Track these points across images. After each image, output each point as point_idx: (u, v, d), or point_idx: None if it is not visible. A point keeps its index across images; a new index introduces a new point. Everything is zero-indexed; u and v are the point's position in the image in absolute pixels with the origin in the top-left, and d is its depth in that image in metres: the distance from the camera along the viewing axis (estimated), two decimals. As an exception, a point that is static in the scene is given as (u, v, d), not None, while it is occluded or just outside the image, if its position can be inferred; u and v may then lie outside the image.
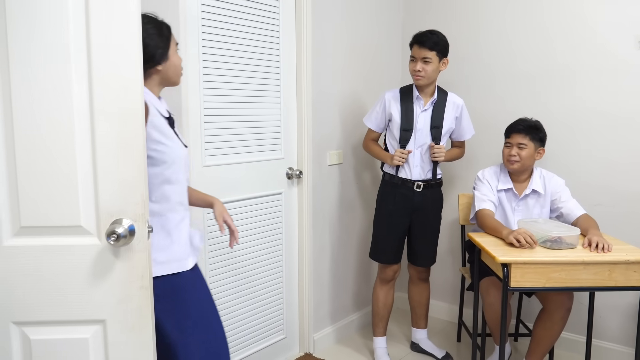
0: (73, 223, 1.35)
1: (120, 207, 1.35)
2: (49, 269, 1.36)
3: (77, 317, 1.38)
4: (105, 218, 1.35)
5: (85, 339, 1.40)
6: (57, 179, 1.33)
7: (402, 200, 2.68)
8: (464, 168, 3.20)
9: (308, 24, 2.67)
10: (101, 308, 1.39)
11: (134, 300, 1.40)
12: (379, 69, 3.26)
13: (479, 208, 2.53)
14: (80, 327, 1.39)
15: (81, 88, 1.32)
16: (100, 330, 1.40)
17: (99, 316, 1.39)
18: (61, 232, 1.35)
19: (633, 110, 2.67)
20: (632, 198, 2.70)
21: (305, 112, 2.72)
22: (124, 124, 1.34)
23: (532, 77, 2.97)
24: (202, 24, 2.21)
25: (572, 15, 2.80)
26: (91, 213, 1.35)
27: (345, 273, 3.16)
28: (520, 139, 2.50)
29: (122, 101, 1.34)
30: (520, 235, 2.19)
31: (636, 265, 2.07)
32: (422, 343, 2.97)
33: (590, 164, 2.81)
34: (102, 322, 1.40)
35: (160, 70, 1.63)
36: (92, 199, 1.35)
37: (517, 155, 2.49)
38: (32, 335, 1.38)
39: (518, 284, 2.10)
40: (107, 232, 1.32)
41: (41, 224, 1.34)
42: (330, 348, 3.03)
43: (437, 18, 3.27)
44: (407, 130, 2.62)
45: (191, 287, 1.70)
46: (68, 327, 1.39)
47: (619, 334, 2.80)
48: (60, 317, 1.38)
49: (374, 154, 2.80)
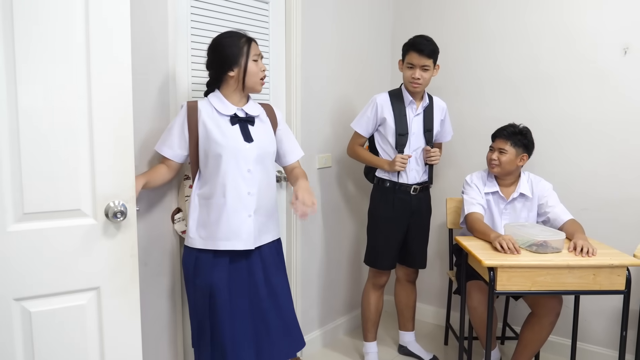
0: (73, 207, 1.54)
1: (113, 191, 1.60)
2: (50, 249, 1.51)
3: (74, 287, 1.56)
4: (100, 201, 1.58)
5: (82, 305, 1.59)
6: (60, 169, 1.51)
7: (400, 205, 2.69)
8: (451, 173, 3.22)
9: (297, 27, 2.68)
10: (96, 276, 1.59)
11: (126, 268, 1.65)
12: (368, 72, 3.27)
13: (468, 212, 2.55)
14: (77, 295, 1.57)
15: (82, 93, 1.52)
16: (95, 296, 1.60)
17: (94, 284, 1.59)
18: (62, 215, 1.53)
19: (617, 117, 2.70)
20: (616, 204, 2.73)
21: (295, 115, 2.72)
22: (117, 124, 1.58)
23: (518, 84, 3.00)
24: (192, 25, 2.21)
25: (558, 23, 2.84)
26: (88, 197, 1.56)
27: (334, 276, 3.16)
28: (501, 144, 2.54)
29: (116, 105, 1.57)
30: (504, 241, 2.22)
31: (620, 269, 2.10)
32: (410, 346, 2.98)
33: (574, 170, 2.84)
34: (97, 289, 1.60)
35: (232, 77, 1.95)
36: (90, 186, 1.56)
37: (497, 159, 2.53)
38: (32, 308, 1.52)
39: (504, 287, 2.12)
40: (104, 211, 1.57)
41: (43, 210, 1.50)
42: (318, 352, 3.02)
43: (426, 24, 3.30)
44: (402, 135, 2.62)
45: None
46: (66, 296, 1.56)
47: (604, 337, 2.83)
48: (59, 289, 1.54)
49: (365, 159, 2.75)
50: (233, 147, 1.94)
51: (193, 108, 1.96)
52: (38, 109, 1.45)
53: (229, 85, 1.98)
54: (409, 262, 2.83)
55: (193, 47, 2.22)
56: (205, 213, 1.97)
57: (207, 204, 1.97)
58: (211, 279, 1.95)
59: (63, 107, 1.49)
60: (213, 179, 1.95)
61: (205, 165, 1.97)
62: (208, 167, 1.96)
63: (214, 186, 1.95)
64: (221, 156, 1.93)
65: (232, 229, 1.96)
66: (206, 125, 1.94)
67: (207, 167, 1.96)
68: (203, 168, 1.98)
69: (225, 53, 1.93)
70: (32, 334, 1.52)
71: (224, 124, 1.96)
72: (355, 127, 2.73)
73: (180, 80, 2.18)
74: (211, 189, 1.95)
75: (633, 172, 2.68)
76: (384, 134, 2.67)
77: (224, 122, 1.96)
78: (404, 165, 2.59)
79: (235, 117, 1.98)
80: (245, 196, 1.97)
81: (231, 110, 1.98)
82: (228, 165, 1.93)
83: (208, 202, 1.97)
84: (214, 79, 2.02)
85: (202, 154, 1.97)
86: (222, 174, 1.94)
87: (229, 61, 1.93)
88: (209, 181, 1.96)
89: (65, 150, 1.51)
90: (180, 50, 2.17)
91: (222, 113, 1.97)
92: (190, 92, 2.23)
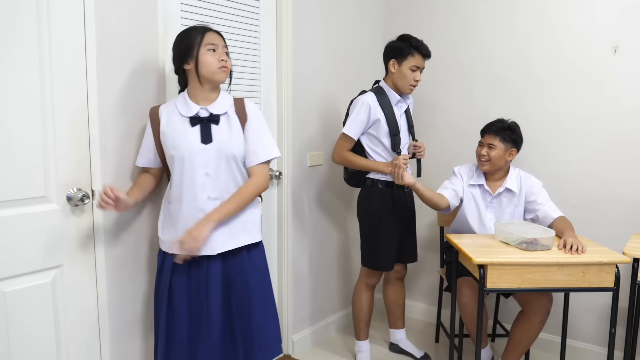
0: (39, 194, 1.76)
1: (73, 179, 1.85)
2: (21, 233, 1.72)
3: (42, 266, 1.79)
4: (62, 188, 1.82)
5: (48, 282, 1.81)
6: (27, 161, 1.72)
7: (399, 204, 2.69)
8: (440, 170, 3.23)
9: (289, 26, 2.67)
10: (59, 256, 1.83)
11: (84, 247, 1.90)
12: (360, 71, 3.27)
13: (438, 191, 2.61)
14: (44, 273, 1.80)
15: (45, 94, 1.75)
16: (59, 274, 1.84)
17: (58, 262, 1.83)
18: (27, 203, 1.74)
19: (607, 115, 2.72)
20: (606, 202, 2.75)
21: (286, 113, 2.72)
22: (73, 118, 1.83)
23: (508, 82, 3.01)
24: (182, 23, 2.20)
25: (547, 22, 2.85)
26: (52, 185, 1.79)
27: (325, 274, 3.16)
28: (490, 140, 2.56)
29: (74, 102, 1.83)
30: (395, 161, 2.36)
31: (609, 266, 2.11)
32: (402, 343, 2.98)
33: (564, 168, 2.86)
34: (60, 267, 1.84)
35: (189, 69, 1.89)
36: (53, 175, 1.79)
37: (487, 155, 2.55)
38: (6, 289, 1.71)
39: (494, 285, 2.13)
40: (66, 197, 1.82)
41: (13, 198, 1.70)
42: (309, 350, 3.02)
43: (418, 23, 3.31)
44: (396, 135, 2.62)
45: None
46: (34, 275, 1.77)
47: (593, 334, 2.85)
48: (29, 269, 1.75)
49: (359, 165, 2.64)
50: (186, 150, 1.86)
51: (154, 114, 1.95)
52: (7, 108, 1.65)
53: (191, 80, 1.92)
54: (404, 258, 2.83)
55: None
56: (168, 216, 1.95)
57: (168, 207, 1.94)
58: (172, 280, 1.93)
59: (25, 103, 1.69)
60: (174, 183, 1.91)
61: (170, 170, 1.94)
62: (172, 171, 1.92)
63: (174, 190, 1.91)
64: (174, 159, 1.88)
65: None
66: (163, 130, 1.91)
67: (172, 171, 1.92)
68: (170, 172, 1.94)
69: (180, 46, 1.89)
70: (6, 313, 1.70)
71: (184, 126, 1.89)
72: (349, 133, 2.59)
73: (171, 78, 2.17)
74: (173, 193, 1.92)
75: (622, 171, 2.70)
76: (375, 136, 2.63)
77: (184, 124, 1.90)
78: (406, 166, 2.58)
79: (195, 117, 1.90)
80: (205, 200, 1.87)
81: (193, 110, 1.90)
82: (183, 169, 1.87)
83: (169, 206, 1.94)
84: (179, 76, 1.98)
85: (166, 158, 1.94)
86: (178, 177, 1.89)
87: (183, 54, 1.88)
88: (172, 185, 1.92)
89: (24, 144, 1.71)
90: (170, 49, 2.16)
91: (184, 115, 1.90)
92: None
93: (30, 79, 1.70)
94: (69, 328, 1.87)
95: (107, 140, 1.93)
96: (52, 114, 1.76)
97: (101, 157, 1.91)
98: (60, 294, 1.84)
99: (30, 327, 1.77)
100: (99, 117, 1.89)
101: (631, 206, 2.69)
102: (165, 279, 1.94)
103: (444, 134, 3.27)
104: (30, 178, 1.73)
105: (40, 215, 1.77)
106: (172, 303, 1.93)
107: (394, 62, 2.60)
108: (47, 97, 1.75)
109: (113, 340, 2.01)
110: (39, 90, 1.72)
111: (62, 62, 1.77)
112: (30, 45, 1.70)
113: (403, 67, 2.58)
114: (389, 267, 2.74)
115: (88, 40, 1.83)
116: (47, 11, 1.72)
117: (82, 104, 1.84)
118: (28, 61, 1.69)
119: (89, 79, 1.85)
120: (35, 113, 1.72)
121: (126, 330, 2.06)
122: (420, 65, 2.59)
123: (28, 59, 1.69)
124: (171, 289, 1.93)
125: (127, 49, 1.96)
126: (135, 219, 2.06)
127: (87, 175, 1.88)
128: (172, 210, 1.92)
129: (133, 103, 2.01)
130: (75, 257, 1.87)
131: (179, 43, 1.90)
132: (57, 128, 1.78)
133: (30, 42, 1.69)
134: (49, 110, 1.75)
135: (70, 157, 1.82)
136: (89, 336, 1.94)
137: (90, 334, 1.94)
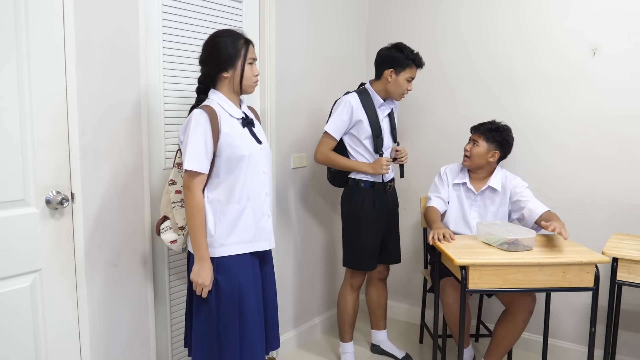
0: (18, 198, 1.75)
1: (53, 182, 1.83)
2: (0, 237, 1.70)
3: (20, 270, 1.77)
4: (41, 191, 1.80)
5: (27, 286, 1.79)
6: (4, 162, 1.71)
7: (380, 204, 2.70)
8: (425, 172, 3.24)
9: (271, 27, 2.67)
10: (38, 260, 1.81)
11: (64, 250, 1.88)
12: (343, 73, 3.28)
13: (428, 205, 2.70)
14: (23, 278, 1.78)
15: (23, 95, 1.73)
16: (38, 277, 1.82)
17: (37, 267, 1.81)
18: (5, 206, 1.72)
19: (587, 116, 2.75)
20: (586, 202, 2.79)
21: (269, 115, 2.71)
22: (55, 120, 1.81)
23: (490, 83, 3.04)
24: (163, 24, 2.18)
25: (528, 24, 2.88)
26: (31, 188, 1.77)
27: (309, 276, 3.16)
28: (476, 137, 2.64)
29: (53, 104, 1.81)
30: (437, 233, 2.39)
31: (589, 266, 2.14)
32: (383, 344, 2.99)
33: (545, 169, 2.89)
34: (39, 271, 1.82)
35: (226, 77, 1.92)
36: (32, 178, 1.77)
37: (469, 151, 2.63)
38: None
39: (476, 285, 2.14)
40: (45, 200, 1.81)
41: None
42: (294, 352, 3.02)
43: (400, 25, 3.32)
44: (378, 137, 2.63)
45: None
46: (13, 279, 1.75)
47: (575, 333, 2.89)
48: (7, 273, 1.73)
49: (342, 165, 2.66)
50: (251, 150, 1.94)
51: (213, 114, 1.86)
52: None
53: (223, 85, 1.94)
54: (386, 259, 2.84)
55: (165, 47, 2.20)
56: (230, 219, 1.91)
57: (227, 209, 1.91)
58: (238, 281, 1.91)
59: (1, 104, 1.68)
60: (236, 184, 1.90)
61: (221, 171, 1.90)
62: (227, 172, 1.89)
63: (236, 191, 1.91)
64: (244, 160, 1.91)
65: (259, 230, 1.99)
66: (227, 131, 1.89)
67: (224, 172, 1.90)
68: (218, 173, 1.90)
69: (222, 53, 1.89)
70: None
71: (237, 127, 1.94)
72: (331, 132, 2.61)
73: (152, 80, 2.15)
74: (234, 193, 1.90)
75: (602, 172, 2.73)
76: (356, 136, 2.64)
77: (237, 125, 1.94)
78: (389, 167, 2.63)
79: (245, 119, 1.97)
80: (265, 197, 2.01)
81: (239, 112, 1.97)
82: (248, 169, 1.93)
83: (229, 208, 1.91)
84: (206, 76, 1.97)
85: (220, 159, 1.89)
86: (242, 178, 1.91)
87: (225, 62, 1.90)
88: (230, 186, 1.90)
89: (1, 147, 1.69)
90: (152, 50, 2.15)
91: (233, 116, 1.94)
92: (162, 92, 2.21)
93: (7, 79, 1.68)
94: (49, 333, 1.85)
95: (87, 142, 1.90)
96: (31, 116, 1.74)
97: (81, 159, 1.88)
98: (39, 298, 1.82)
99: (9, 332, 1.75)
100: (79, 118, 1.86)
101: (611, 206, 2.72)
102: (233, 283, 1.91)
103: (428, 135, 3.29)
104: (8, 181, 1.71)
105: (18, 218, 1.74)
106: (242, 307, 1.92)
107: (392, 72, 2.60)
108: (26, 99, 1.73)
109: (93, 345, 1.99)
110: (16, 91, 1.70)
111: (40, 63, 1.75)
112: (8, 46, 1.67)
113: (400, 77, 2.61)
114: (370, 267, 2.74)
115: (67, 41, 1.81)
116: (25, 11, 1.70)
117: (61, 105, 1.82)
118: (5, 62, 1.67)
119: (68, 80, 1.82)
120: (12, 115, 1.70)
121: (107, 335, 2.04)
122: (414, 76, 2.65)
123: (5, 60, 1.67)
124: (241, 292, 1.91)
125: (107, 50, 1.95)
126: (116, 222, 2.04)
127: (66, 178, 1.87)
128: (235, 210, 1.92)
129: (114, 104, 1.99)
130: (55, 261, 1.85)
131: (219, 50, 1.90)
132: (36, 130, 1.76)
133: (8, 43, 1.67)
134: (27, 113, 1.73)
135: (49, 159, 1.81)
136: (68, 341, 1.91)
137: (70, 338, 1.92)
